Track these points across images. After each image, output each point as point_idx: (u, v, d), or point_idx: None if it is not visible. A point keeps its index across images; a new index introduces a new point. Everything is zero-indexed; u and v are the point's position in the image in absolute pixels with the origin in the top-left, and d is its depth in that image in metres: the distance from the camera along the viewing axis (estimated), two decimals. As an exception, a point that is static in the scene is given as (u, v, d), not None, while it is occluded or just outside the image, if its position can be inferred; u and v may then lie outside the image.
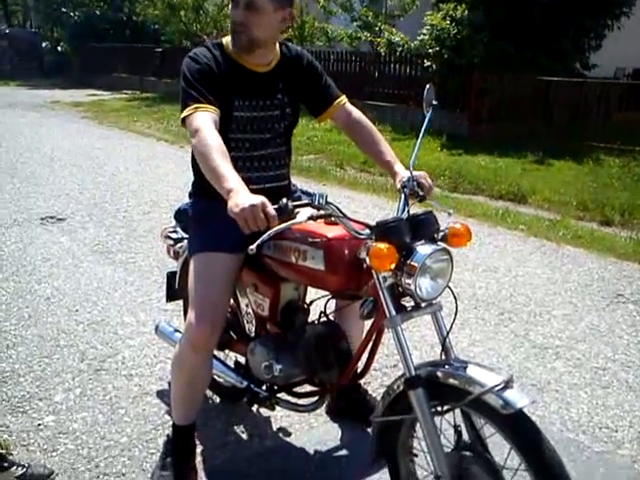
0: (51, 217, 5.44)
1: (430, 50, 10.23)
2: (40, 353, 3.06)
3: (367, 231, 1.76)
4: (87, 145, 9.13)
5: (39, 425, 2.50)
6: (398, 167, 2.14)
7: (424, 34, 10.38)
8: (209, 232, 2.09)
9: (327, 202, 1.68)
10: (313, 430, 2.51)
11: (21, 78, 20.64)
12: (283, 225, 1.63)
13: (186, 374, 2.14)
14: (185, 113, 1.93)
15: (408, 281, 1.68)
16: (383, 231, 1.71)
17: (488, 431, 1.67)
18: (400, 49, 11.36)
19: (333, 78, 2.33)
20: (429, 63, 10.33)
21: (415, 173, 2.03)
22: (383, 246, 1.64)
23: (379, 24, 12.62)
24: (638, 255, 4.74)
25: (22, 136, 9.81)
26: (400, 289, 1.74)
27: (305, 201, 1.72)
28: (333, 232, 1.86)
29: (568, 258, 4.66)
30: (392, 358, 2.94)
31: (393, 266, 1.66)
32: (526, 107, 10.03)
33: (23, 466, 2.11)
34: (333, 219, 1.74)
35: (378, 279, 1.72)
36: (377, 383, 2.82)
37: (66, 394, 2.72)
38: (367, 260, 1.69)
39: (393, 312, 1.71)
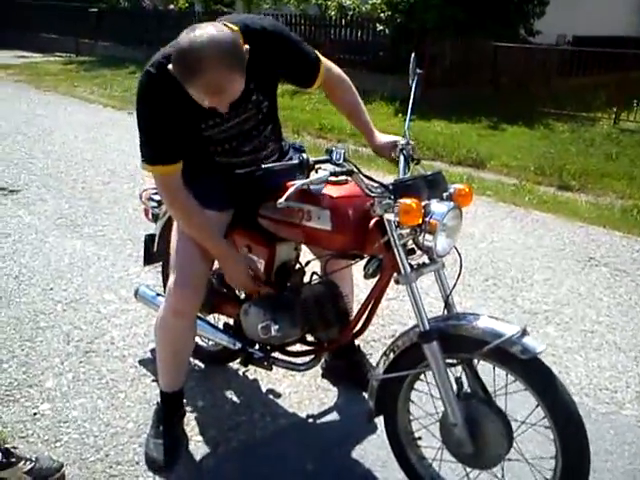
0: (2, 189, 5.10)
1: (382, 14, 10.11)
2: (20, 336, 2.87)
3: (380, 189, 1.75)
4: (28, 111, 8.59)
5: (35, 414, 2.34)
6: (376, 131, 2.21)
7: (376, -3, 10.25)
8: (197, 190, 1.95)
9: (345, 159, 1.67)
10: (324, 405, 2.46)
11: None
12: (307, 180, 1.65)
13: (170, 341, 2.08)
14: (147, 168, 1.87)
15: (428, 237, 1.71)
16: (403, 188, 1.72)
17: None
18: (351, 13, 11.17)
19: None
20: (381, 27, 10.23)
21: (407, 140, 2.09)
22: (411, 201, 1.65)
23: (329, -14, 12.35)
24: (602, 219, 4.88)
25: (-48, 102, 9.15)
26: (409, 247, 1.78)
27: (325, 157, 1.69)
28: (338, 192, 1.85)
29: (538, 223, 4.75)
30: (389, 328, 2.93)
31: (420, 220, 1.68)
32: (476, 72, 10.10)
33: (31, 460, 1.96)
34: (352, 177, 1.74)
35: (393, 236, 1.71)
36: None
37: (58, 379, 2.56)
38: (391, 216, 1.68)
39: (408, 269, 1.74)
